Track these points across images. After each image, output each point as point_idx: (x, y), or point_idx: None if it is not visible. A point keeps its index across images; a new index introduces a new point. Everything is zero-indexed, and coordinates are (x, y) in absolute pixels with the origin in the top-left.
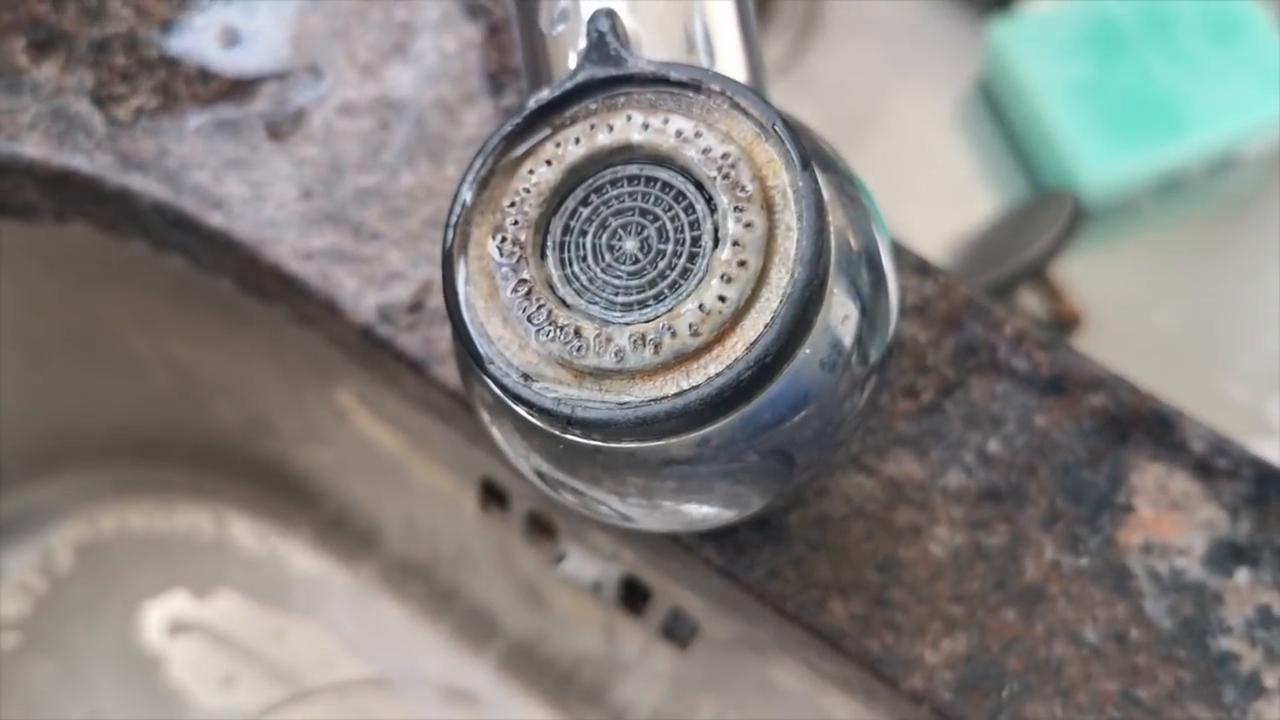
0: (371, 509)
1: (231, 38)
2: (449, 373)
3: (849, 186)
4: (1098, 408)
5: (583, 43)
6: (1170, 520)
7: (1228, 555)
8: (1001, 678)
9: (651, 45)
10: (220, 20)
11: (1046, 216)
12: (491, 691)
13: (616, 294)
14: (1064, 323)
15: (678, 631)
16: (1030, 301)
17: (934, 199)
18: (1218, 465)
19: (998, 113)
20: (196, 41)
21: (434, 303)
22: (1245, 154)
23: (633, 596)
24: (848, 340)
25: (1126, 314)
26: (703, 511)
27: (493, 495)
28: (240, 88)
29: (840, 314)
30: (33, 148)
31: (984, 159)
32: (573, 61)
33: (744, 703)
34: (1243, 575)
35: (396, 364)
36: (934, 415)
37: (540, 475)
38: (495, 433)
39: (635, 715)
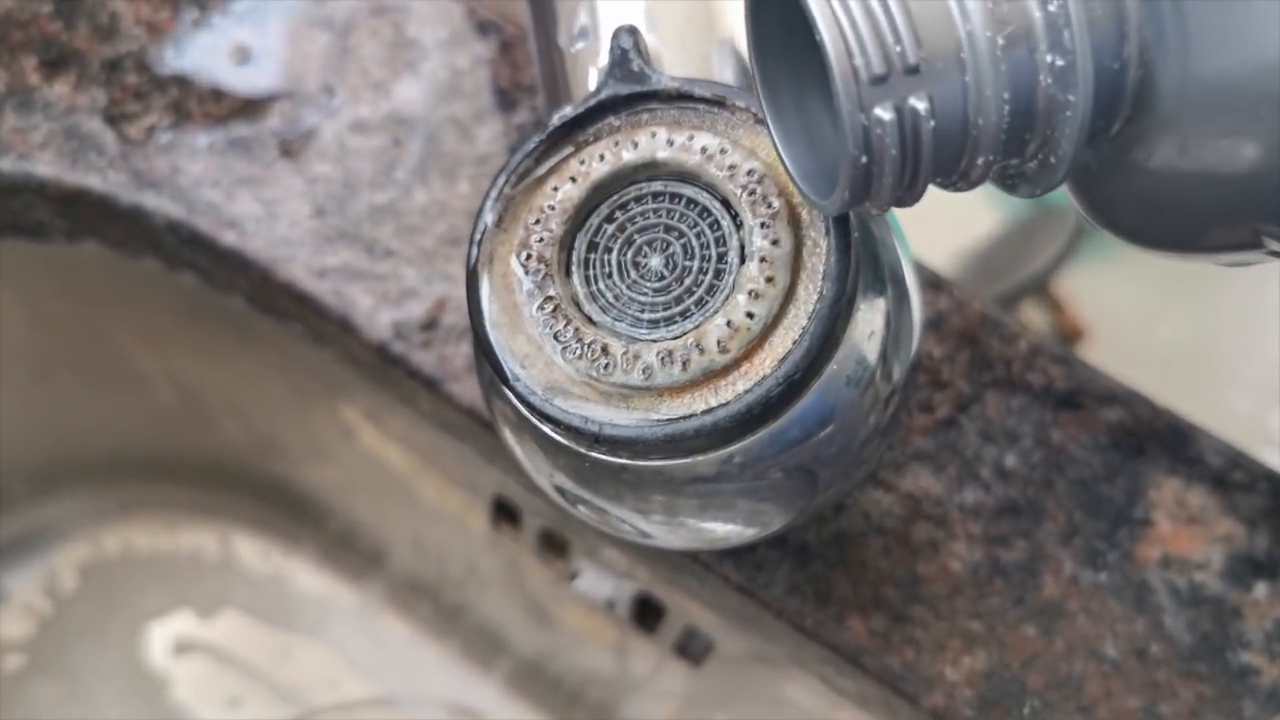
0: (378, 527)
1: (243, 56)
2: (464, 390)
3: None
4: (1113, 422)
5: (603, 60)
6: (1188, 534)
7: (1246, 569)
8: (1022, 695)
9: (673, 62)
10: (231, 38)
11: (1049, 231)
12: (498, 710)
13: (643, 311)
14: (1066, 336)
15: (691, 649)
16: (1033, 315)
17: (936, 214)
18: (1234, 479)
19: None
20: (208, 59)
21: (448, 320)
22: None
23: (646, 614)
24: (873, 356)
25: (1129, 327)
26: (724, 529)
27: (504, 513)
28: (252, 105)
29: (866, 330)
30: (45, 166)
31: None
32: (593, 79)
33: None
34: (1261, 589)
35: (411, 382)
36: (950, 430)
37: (561, 492)
38: (517, 450)
39: None
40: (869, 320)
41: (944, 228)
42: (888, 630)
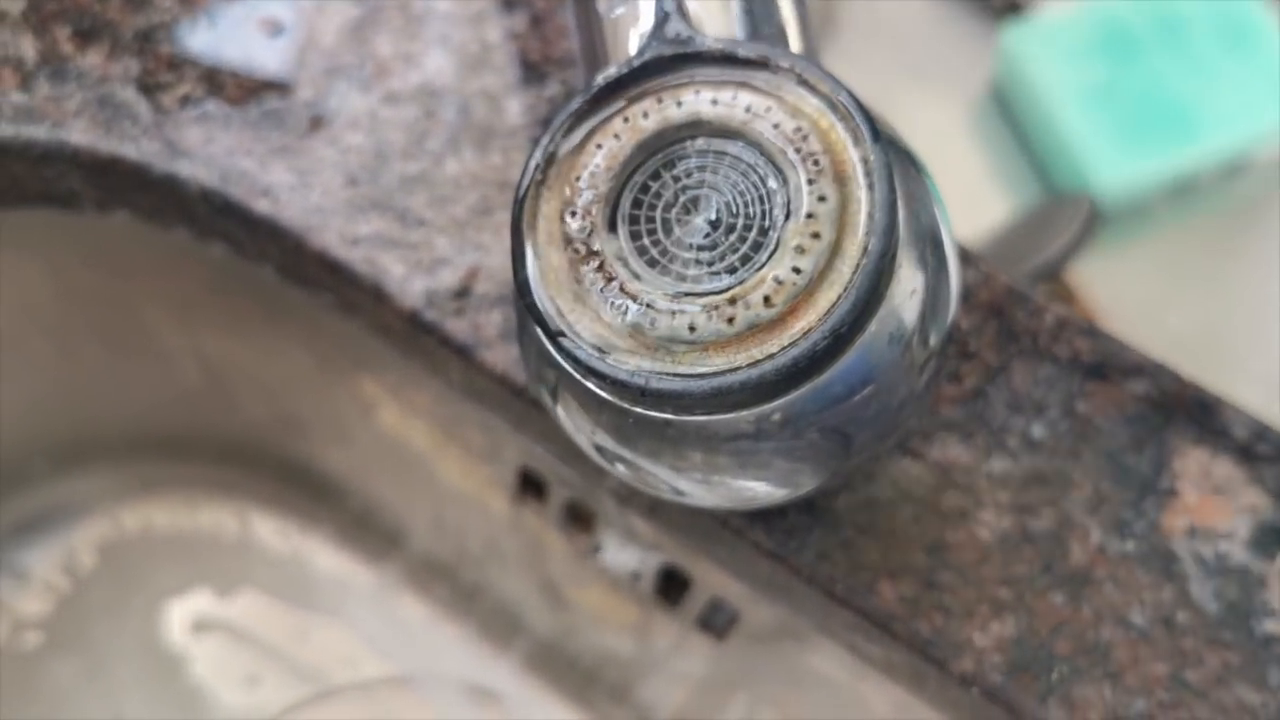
0: (398, 506)
1: (274, 28)
2: (496, 357)
3: (911, 165)
4: (1140, 394)
5: (643, 25)
6: (1214, 504)
7: (1271, 539)
8: (1050, 661)
9: (713, 25)
10: (263, 10)
11: (1062, 219)
12: (516, 690)
13: (688, 266)
14: None
15: (715, 622)
16: None
17: (949, 203)
18: (1260, 450)
19: (1011, 117)
20: (240, 31)
21: (481, 288)
22: (1256, 158)
23: (670, 587)
24: (912, 316)
25: (1139, 316)
26: (756, 488)
27: (529, 486)
28: (284, 77)
29: (907, 289)
30: (79, 135)
31: (998, 163)
32: (633, 44)
33: (778, 696)
34: None
35: (443, 350)
36: (978, 400)
37: (600, 451)
38: (559, 411)
39: (663, 711)
40: (910, 280)
41: (957, 215)
42: (917, 597)
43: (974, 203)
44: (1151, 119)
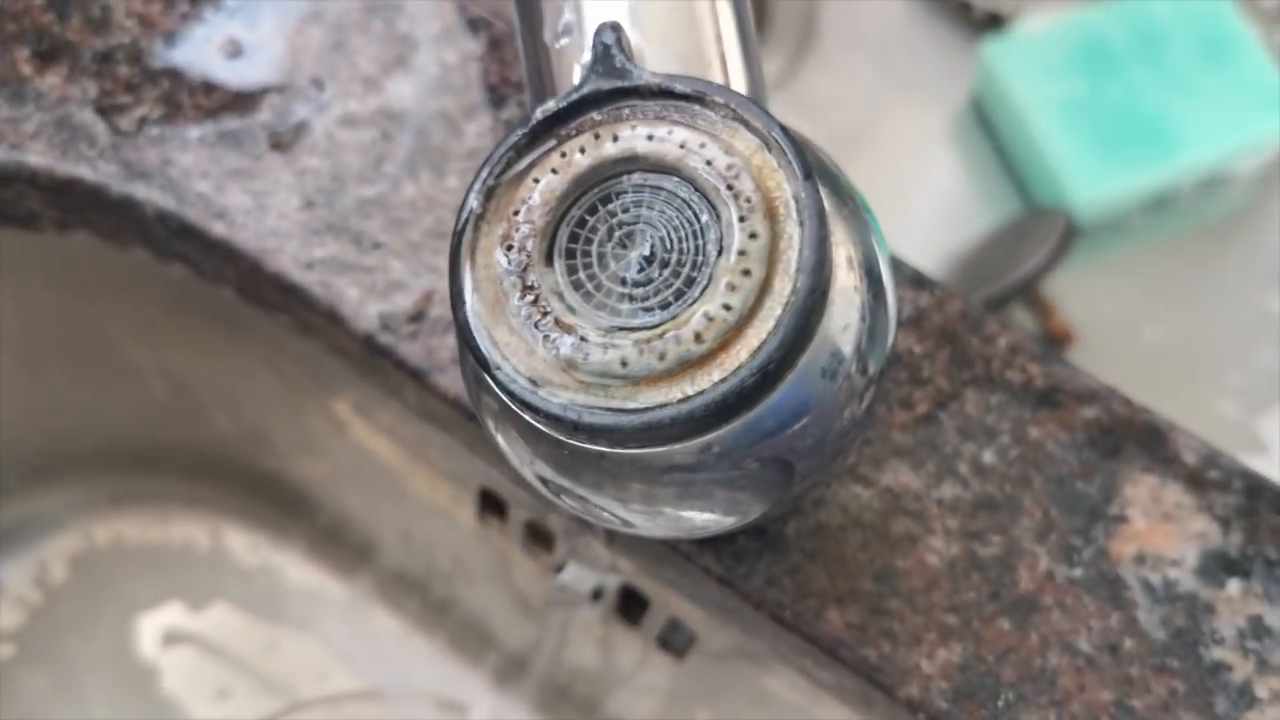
0: (367, 521)
1: (234, 49)
2: (450, 381)
3: (850, 200)
4: (1091, 420)
5: (587, 56)
6: (1163, 531)
7: (1219, 566)
8: (996, 687)
9: (655, 59)
10: (223, 32)
11: (1039, 233)
12: (485, 704)
13: (622, 301)
14: (1055, 339)
15: (674, 642)
16: (1022, 318)
17: (926, 216)
18: (1209, 477)
19: (990, 130)
20: (200, 53)
21: (435, 312)
22: (1235, 172)
23: (630, 607)
24: (848, 349)
25: (1117, 330)
26: (702, 518)
27: (491, 505)
28: (243, 98)
29: (841, 323)
30: (36, 156)
31: (976, 176)
32: (577, 74)
33: (739, 714)
34: (1234, 586)
35: (397, 373)
36: (929, 426)
37: (544, 481)
38: (500, 440)
39: None
40: (844, 315)
41: (933, 230)
42: (865, 623)
43: (952, 215)
44: (1130, 133)
